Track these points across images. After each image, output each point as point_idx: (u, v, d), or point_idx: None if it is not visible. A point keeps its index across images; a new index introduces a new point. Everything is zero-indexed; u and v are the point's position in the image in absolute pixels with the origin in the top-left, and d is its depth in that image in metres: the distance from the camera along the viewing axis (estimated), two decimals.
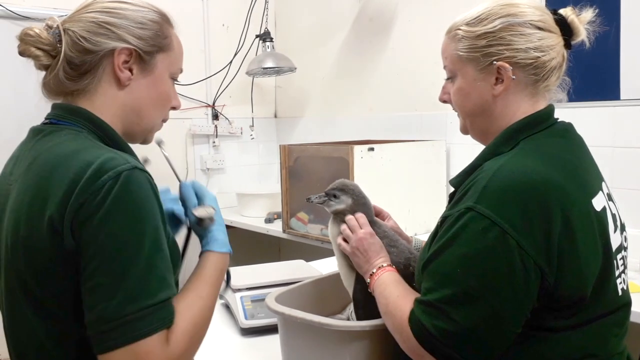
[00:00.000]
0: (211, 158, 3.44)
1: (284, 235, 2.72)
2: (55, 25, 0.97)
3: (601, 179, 1.05)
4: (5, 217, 0.95)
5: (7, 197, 0.96)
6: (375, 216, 1.29)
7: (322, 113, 3.43)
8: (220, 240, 1.07)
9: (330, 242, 1.19)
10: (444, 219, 0.99)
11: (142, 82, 1.01)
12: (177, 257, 1.00)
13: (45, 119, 1.00)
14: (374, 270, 1.13)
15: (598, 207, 0.98)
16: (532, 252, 0.88)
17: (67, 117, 0.98)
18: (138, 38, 0.98)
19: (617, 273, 1.00)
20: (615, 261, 1.00)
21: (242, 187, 3.46)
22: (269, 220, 2.94)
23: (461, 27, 1.05)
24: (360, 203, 1.25)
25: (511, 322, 0.90)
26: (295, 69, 3.17)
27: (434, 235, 1.02)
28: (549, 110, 1.05)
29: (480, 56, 1.02)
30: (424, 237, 1.31)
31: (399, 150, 2.47)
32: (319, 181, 2.59)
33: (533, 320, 0.92)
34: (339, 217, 1.25)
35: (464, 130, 1.14)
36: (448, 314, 0.90)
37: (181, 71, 1.08)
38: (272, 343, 1.31)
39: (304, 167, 2.61)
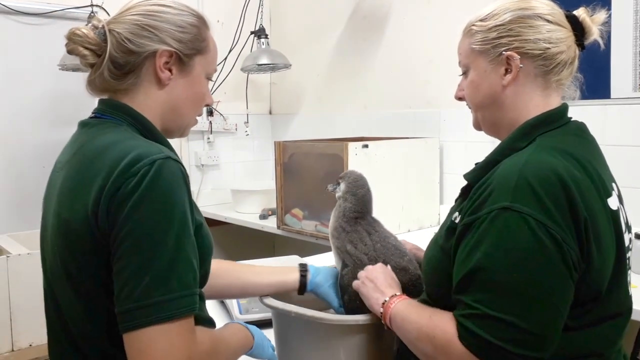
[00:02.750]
0: (206, 154, 3.45)
1: (279, 232, 2.73)
2: (100, 26, 1.02)
3: (612, 180, 1.06)
4: (52, 202, 1.01)
5: (55, 184, 1.03)
6: None
7: (316, 110, 3.45)
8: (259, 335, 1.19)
9: (324, 238, 1.22)
10: (471, 223, 0.94)
11: (180, 82, 1.06)
12: (210, 245, 1.04)
13: (92, 113, 1.07)
14: (387, 299, 1.06)
15: (613, 207, 0.98)
16: (574, 245, 0.88)
17: (109, 111, 1.04)
18: (178, 41, 1.04)
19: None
20: (626, 261, 1.00)
21: (237, 183, 3.47)
22: (263, 217, 2.95)
23: (475, 23, 1.07)
24: (350, 191, 1.29)
25: (566, 316, 0.90)
26: (290, 65, 3.18)
27: (447, 237, 1.00)
28: (563, 108, 1.05)
29: (490, 48, 1.04)
30: (418, 234, 1.33)
31: (393, 147, 2.48)
32: (313, 178, 2.60)
33: None
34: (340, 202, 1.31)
35: (477, 126, 1.14)
36: (514, 323, 0.86)
37: (215, 71, 1.14)
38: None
39: (299, 164, 2.62)
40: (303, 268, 1.31)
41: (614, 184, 1.05)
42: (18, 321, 2.25)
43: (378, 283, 1.12)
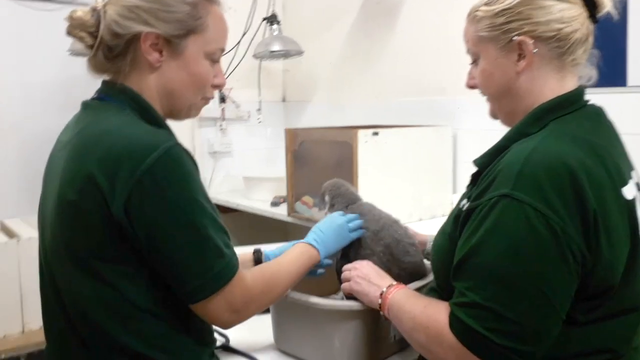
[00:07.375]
0: (218, 141, 3.45)
1: (289, 219, 2.73)
2: (99, 8, 1.02)
3: (631, 167, 1.02)
4: (54, 182, 1.01)
5: (56, 164, 1.03)
6: None
7: (330, 98, 3.42)
8: (319, 239, 1.26)
9: None
10: (473, 209, 0.93)
11: (172, 64, 1.03)
12: None
13: (95, 94, 1.07)
14: (384, 289, 1.06)
15: (629, 196, 0.94)
16: (576, 237, 0.85)
17: (112, 93, 1.04)
18: (164, 22, 1.00)
19: None
20: None
21: (249, 170, 3.46)
22: (275, 204, 2.95)
23: (480, 8, 1.03)
24: (337, 194, 1.35)
25: (562, 310, 0.87)
26: (303, 52, 3.15)
27: (454, 225, 0.98)
28: (580, 91, 1.02)
29: (500, 34, 1.00)
30: (430, 222, 1.31)
31: (404, 135, 2.45)
32: (323, 165, 2.58)
33: None
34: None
35: (494, 115, 1.10)
36: (500, 313, 0.84)
37: (222, 50, 1.10)
38: (264, 322, 1.31)
39: (309, 152, 2.61)
40: (257, 251, 1.42)
41: (632, 172, 1.01)
42: (28, 303, 2.28)
43: (371, 278, 1.11)
